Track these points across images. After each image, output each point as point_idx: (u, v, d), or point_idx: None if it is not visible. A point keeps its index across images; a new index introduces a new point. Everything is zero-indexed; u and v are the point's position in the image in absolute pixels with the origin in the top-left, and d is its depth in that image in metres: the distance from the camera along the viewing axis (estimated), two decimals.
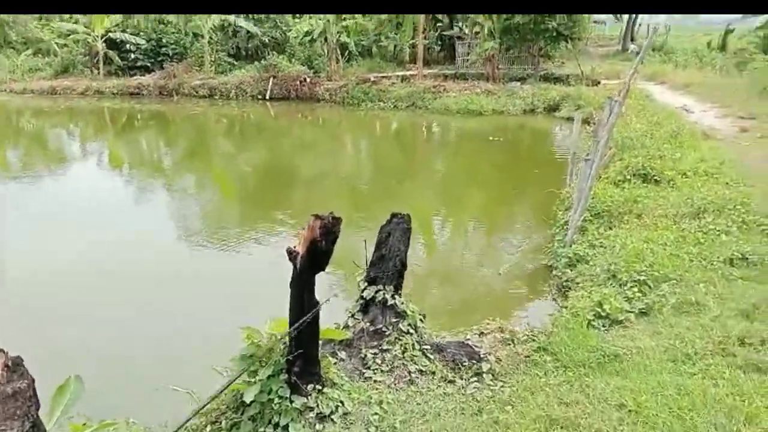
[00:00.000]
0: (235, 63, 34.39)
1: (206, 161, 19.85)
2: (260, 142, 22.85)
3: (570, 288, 8.10)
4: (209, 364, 5.71)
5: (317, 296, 5.09)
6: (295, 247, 4.96)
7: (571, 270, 8.50)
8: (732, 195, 9.45)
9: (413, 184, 15.91)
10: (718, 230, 8.38)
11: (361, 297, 6.43)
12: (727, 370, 5.32)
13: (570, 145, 12.31)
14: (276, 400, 5.02)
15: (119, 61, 34.81)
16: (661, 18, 56.68)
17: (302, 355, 5.11)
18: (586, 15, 29.64)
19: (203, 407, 4.59)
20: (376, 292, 6.30)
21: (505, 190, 14.56)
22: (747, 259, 7.46)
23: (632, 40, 40.86)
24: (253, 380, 5.15)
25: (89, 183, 16.48)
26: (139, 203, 14.55)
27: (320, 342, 6.15)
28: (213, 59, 33.51)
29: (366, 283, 6.46)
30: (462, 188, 15.31)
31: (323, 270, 4.97)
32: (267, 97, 30.24)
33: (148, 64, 35.07)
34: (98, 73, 34.71)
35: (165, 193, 15.52)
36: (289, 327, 5.19)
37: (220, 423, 5.15)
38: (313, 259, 4.87)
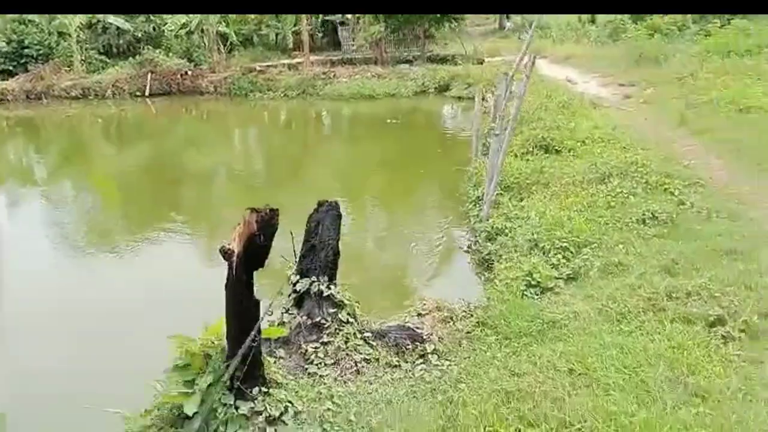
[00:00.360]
0: (108, 60, 32.15)
1: (84, 166, 18.31)
2: (143, 141, 21.55)
3: (493, 261, 8.19)
4: (138, 380, 5.24)
5: None
6: (228, 244, 4.60)
7: (492, 243, 8.60)
8: (632, 158, 9.91)
9: (316, 173, 15.54)
10: (626, 193, 8.75)
11: (294, 291, 6.14)
12: (660, 324, 5.53)
13: (472, 122, 12.46)
14: (220, 409, 4.68)
15: None
16: None
17: (244, 358, 4.77)
18: None
19: None
20: (311, 284, 6.03)
21: (412, 171, 14.50)
22: (656, 217, 7.84)
23: (507, 18, 42.26)
24: (191, 391, 4.76)
25: None
26: (11, 217, 13.28)
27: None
28: (83, 58, 31.21)
29: (297, 276, 6.17)
30: (370, 172, 15.20)
31: (262, 266, 4.65)
32: (146, 94, 28.61)
33: (11, 68, 32.02)
34: None
35: (40, 204, 14.21)
36: (228, 330, 4.84)
37: None
38: (251, 255, 4.55)
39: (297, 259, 6.35)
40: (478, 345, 5.84)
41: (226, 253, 4.58)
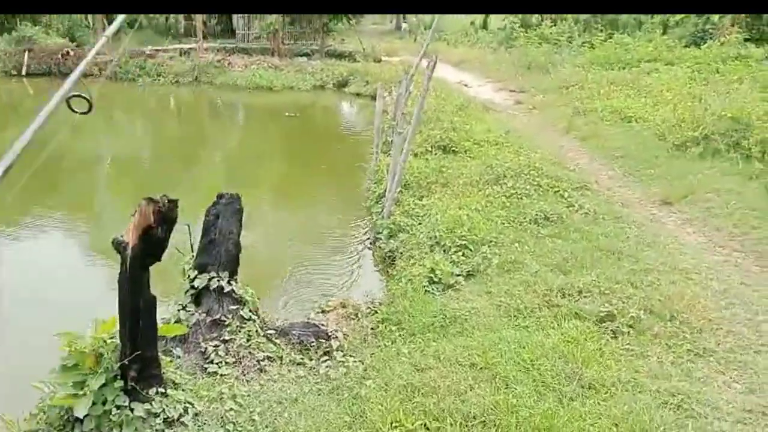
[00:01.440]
0: None
1: None
2: (17, 122, 19.91)
3: (395, 258, 8.26)
4: (20, 380, 4.82)
5: None
6: (122, 236, 4.30)
7: (393, 240, 8.66)
8: (525, 161, 10.33)
9: (210, 165, 15.01)
10: (519, 194, 9.12)
11: (192, 287, 5.86)
12: (554, 320, 5.80)
13: (374, 119, 12.51)
14: (114, 411, 4.40)
15: None
16: None
17: (139, 357, 4.50)
18: None
19: None
20: (210, 279, 5.78)
21: (313, 166, 14.32)
22: (549, 218, 8.23)
23: (404, 18, 42.93)
24: (81, 392, 4.42)
25: None
26: None
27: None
28: None
29: (195, 272, 5.90)
30: (267, 166, 14.87)
31: (159, 260, 4.40)
32: (23, 73, 26.44)
33: None
34: None
35: None
36: (122, 328, 4.53)
37: None
38: (147, 248, 4.27)
39: (194, 254, 6.07)
40: (383, 341, 5.85)
41: (119, 246, 4.29)
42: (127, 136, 18.95)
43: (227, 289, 5.77)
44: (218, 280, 5.78)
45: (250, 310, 5.82)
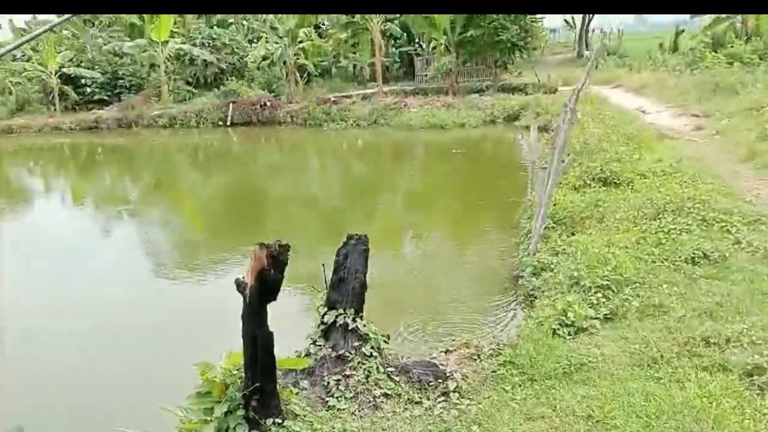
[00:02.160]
0: (194, 91, 34.04)
1: (172, 192, 19.54)
2: (225, 168, 22.61)
3: (536, 297, 8.03)
4: (165, 403, 5.48)
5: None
6: (243, 277, 4.79)
7: (537, 278, 8.43)
8: (691, 193, 9.48)
9: (379, 202, 15.89)
10: (679, 229, 8.38)
11: (322, 322, 6.25)
12: (693, 371, 5.25)
13: (530, 153, 12.33)
14: None
15: (75, 95, 34.22)
16: (614, 23, 57.95)
17: (259, 388, 4.91)
18: (539, 25, 30.20)
19: None
20: (337, 316, 6.12)
21: (470, 202, 14.51)
22: (708, 257, 7.47)
23: (587, 46, 41.57)
24: (209, 419, 4.93)
25: (52, 221, 16.07)
26: (105, 239, 14.24)
27: (281, 372, 5.98)
28: (171, 88, 33.15)
29: (326, 308, 6.29)
30: (427, 202, 15.28)
31: (274, 299, 4.80)
32: (228, 123, 29.99)
33: (105, 97, 34.52)
34: (54, 109, 34.01)
35: (132, 228, 15.16)
36: (245, 360, 5.00)
37: None
38: (263, 288, 4.70)
39: (326, 291, 6.47)
40: (501, 385, 5.72)
41: (239, 286, 4.77)
42: (308, 176, 20.55)
43: (352, 326, 6.05)
44: (344, 317, 6.10)
45: (372, 347, 6.03)
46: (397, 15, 30.96)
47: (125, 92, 34.13)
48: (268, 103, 30.18)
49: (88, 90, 34.38)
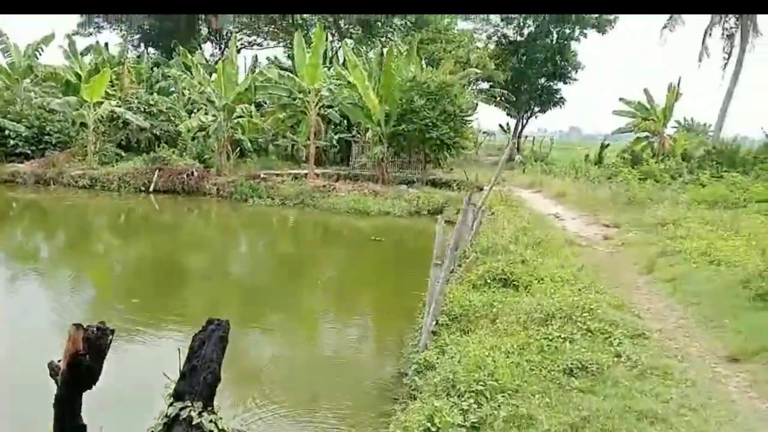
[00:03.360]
0: (124, 154, 33.28)
1: (83, 254, 18.55)
2: (144, 234, 21.88)
3: (415, 398, 7.70)
4: None
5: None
6: (58, 361, 4.31)
7: (420, 377, 8.14)
8: (582, 301, 9.52)
9: (294, 282, 15.52)
10: (563, 337, 8.31)
11: (165, 415, 5.70)
12: None
13: (435, 248, 12.38)
14: None
15: None
16: (550, 131, 61.03)
17: None
18: (469, 127, 31.45)
19: None
20: (181, 409, 5.60)
21: (377, 290, 14.35)
22: (586, 368, 7.36)
23: (518, 150, 43.37)
24: None
25: None
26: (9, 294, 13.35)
27: None
28: (97, 149, 32.34)
29: (172, 399, 5.76)
30: (336, 287, 15.03)
31: (89, 388, 4.32)
32: (151, 189, 29.25)
33: (29, 152, 33.28)
34: None
35: (41, 289, 14.19)
36: None
37: None
38: (76, 375, 4.22)
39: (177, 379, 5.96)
40: None
41: (52, 370, 4.29)
42: (222, 251, 19.99)
43: (196, 420, 5.53)
44: (190, 411, 5.59)
45: None
46: (336, 103, 31.62)
47: (50, 148, 33.03)
48: (195, 173, 29.72)
49: (11, 142, 33.11)
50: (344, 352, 10.86)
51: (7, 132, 32.81)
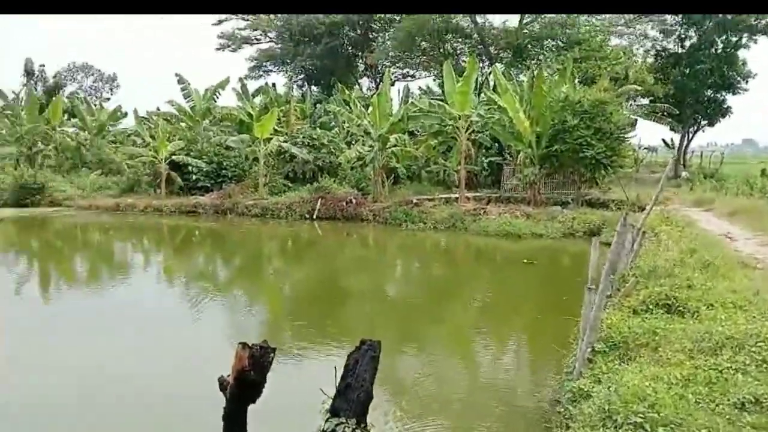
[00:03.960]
0: (290, 185, 35.79)
1: (257, 277, 20.41)
2: (307, 258, 23.43)
3: (569, 427, 7.49)
4: None
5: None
6: (227, 376, 4.81)
7: (573, 406, 7.90)
8: (757, 329, 8.70)
9: (447, 305, 15.79)
10: (734, 369, 7.65)
11: (322, 430, 6.09)
12: None
13: (590, 271, 11.94)
14: None
15: (180, 181, 36.86)
16: (720, 145, 56.20)
17: None
18: (627, 144, 29.89)
19: None
20: (337, 425, 5.96)
21: (529, 316, 14.11)
22: (760, 403, 6.73)
23: (684, 166, 40.40)
24: None
25: (146, 294, 17.07)
26: (192, 316, 14.86)
27: None
28: (267, 181, 35.05)
29: (329, 414, 6.14)
30: (490, 312, 14.97)
31: (254, 402, 4.77)
32: (314, 217, 31.08)
33: (209, 185, 36.88)
34: (161, 192, 36.75)
35: (218, 308, 15.73)
36: None
37: None
38: (242, 390, 4.69)
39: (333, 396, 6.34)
40: None
41: (222, 384, 4.79)
42: (374, 274, 20.73)
43: None
44: (345, 426, 5.93)
45: None
46: (486, 127, 31.65)
47: (227, 181, 36.36)
48: (354, 201, 31.15)
49: (194, 177, 36.93)
50: (496, 375, 10.80)
51: (190, 168, 36.67)
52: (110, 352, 11.41)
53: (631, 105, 38.34)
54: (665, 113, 36.75)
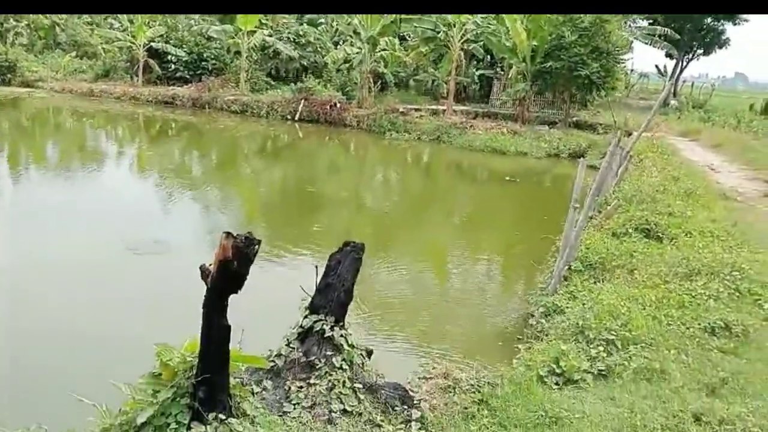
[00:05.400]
0: (273, 83, 34.73)
1: (233, 175, 20.04)
2: (286, 160, 23.04)
3: (540, 339, 7.62)
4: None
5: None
6: (209, 264, 4.66)
7: (546, 320, 8.03)
8: (732, 259, 8.83)
9: (426, 217, 15.73)
10: (707, 295, 7.76)
11: (300, 326, 6.07)
12: None
13: (574, 191, 11.91)
14: (173, 425, 4.66)
15: (159, 70, 35.54)
16: (711, 76, 55.69)
17: (208, 380, 4.77)
18: (621, 66, 29.34)
19: None
20: (315, 321, 5.93)
21: (507, 232, 14.18)
22: (730, 329, 6.86)
23: (674, 95, 40.04)
24: (154, 401, 4.82)
25: (116, 185, 16.74)
26: (164, 209, 14.66)
27: (248, 369, 5.85)
28: (249, 77, 33.93)
29: (307, 311, 6.11)
30: (469, 226, 15.01)
31: (235, 293, 4.64)
32: (296, 118, 30.40)
33: (187, 76, 35.63)
34: (137, 80, 35.49)
35: (189, 203, 15.50)
36: (200, 350, 4.86)
37: None
38: (224, 280, 4.55)
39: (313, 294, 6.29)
40: (467, 424, 5.39)
41: (203, 273, 4.64)
42: (366, 181, 20.59)
43: (328, 333, 5.85)
44: (323, 324, 5.90)
45: (344, 359, 5.80)
46: (481, 37, 30.65)
47: (206, 74, 35.14)
48: (338, 105, 30.42)
49: (172, 66, 35.61)
50: (469, 288, 10.90)
51: (169, 57, 35.30)
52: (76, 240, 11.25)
53: (629, 26, 37.32)
54: (664, 37, 35.88)
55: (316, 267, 6.50)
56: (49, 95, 33.81)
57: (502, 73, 33.20)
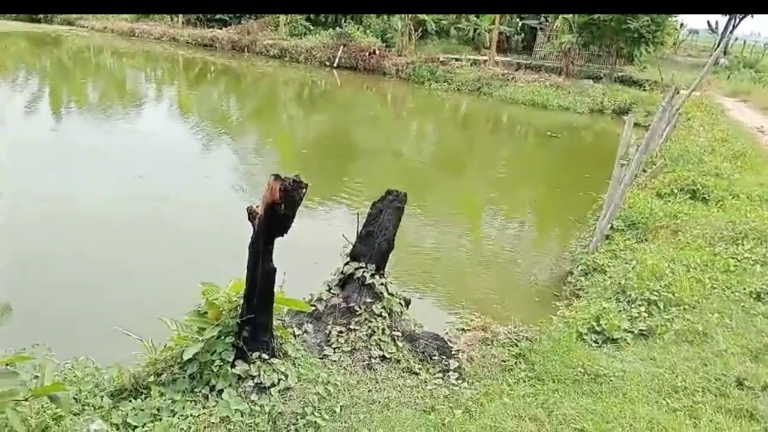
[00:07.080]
0: (312, 28, 34.26)
1: (271, 122, 20.01)
2: (324, 108, 22.87)
3: (579, 297, 7.57)
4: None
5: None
6: (257, 206, 4.67)
7: (586, 278, 7.96)
8: None
9: (461, 170, 15.60)
10: (754, 259, 7.58)
11: (341, 272, 6.12)
12: (714, 412, 4.74)
13: (620, 147, 11.60)
14: (217, 362, 4.78)
15: None
16: (763, 35, 53.15)
17: (253, 320, 4.85)
18: (672, 19, 28.12)
19: None
20: (356, 268, 5.96)
21: (547, 189, 13.98)
22: None
23: (725, 53, 38.43)
24: (200, 338, 4.94)
25: (156, 127, 16.88)
26: (202, 153, 14.76)
27: (290, 311, 5.94)
28: (288, 21, 33.52)
29: (348, 258, 6.14)
30: (506, 181, 14.81)
31: (281, 236, 4.66)
32: (334, 65, 30.07)
33: (227, 18, 35.38)
34: (177, 21, 35.37)
35: (227, 148, 15.59)
36: (245, 291, 4.93)
37: (162, 376, 4.95)
38: (272, 222, 4.57)
39: (354, 242, 6.31)
40: (504, 376, 5.42)
41: (251, 214, 4.66)
42: (401, 131, 20.39)
43: (368, 281, 5.88)
44: (364, 271, 5.93)
45: (384, 307, 5.84)
46: None
47: (245, 17, 34.82)
48: (377, 52, 29.96)
49: None
50: (506, 243, 10.80)
51: None
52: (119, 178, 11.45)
53: None
54: None
55: (358, 215, 6.52)
56: (90, 34, 34.03)
57: (548, 23, 32.16)
